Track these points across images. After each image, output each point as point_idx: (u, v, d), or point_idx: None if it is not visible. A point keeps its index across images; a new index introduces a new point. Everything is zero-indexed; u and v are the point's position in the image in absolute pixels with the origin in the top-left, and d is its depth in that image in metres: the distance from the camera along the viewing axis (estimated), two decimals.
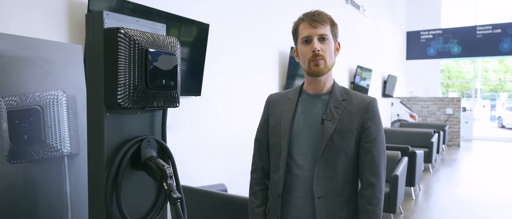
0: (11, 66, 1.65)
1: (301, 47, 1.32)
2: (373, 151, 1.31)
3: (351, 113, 1.32)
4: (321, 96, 1.36)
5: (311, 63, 1.29)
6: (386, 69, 9.24)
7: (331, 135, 1.28)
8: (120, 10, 2.30)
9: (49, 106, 1.78)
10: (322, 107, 1.34)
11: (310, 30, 1.29)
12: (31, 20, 1.94)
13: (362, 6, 7.22)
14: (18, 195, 1.63)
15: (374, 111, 1.33)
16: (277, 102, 1.43)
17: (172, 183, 1.34)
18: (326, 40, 1.30)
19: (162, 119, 1.50)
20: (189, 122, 3.07)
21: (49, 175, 1.76)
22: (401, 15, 11.03)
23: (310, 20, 1.29)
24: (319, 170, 1.29)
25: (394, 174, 3.45)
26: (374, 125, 1.32)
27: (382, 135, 1.35)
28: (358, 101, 1.34)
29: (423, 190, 5.16)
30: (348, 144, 1.30)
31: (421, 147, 6.30)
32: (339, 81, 5.72)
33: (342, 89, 1.38)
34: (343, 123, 1.30)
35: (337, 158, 1.29)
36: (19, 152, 1.63)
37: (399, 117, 9.67)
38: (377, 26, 8.42)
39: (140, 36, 1.30)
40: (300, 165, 1.32)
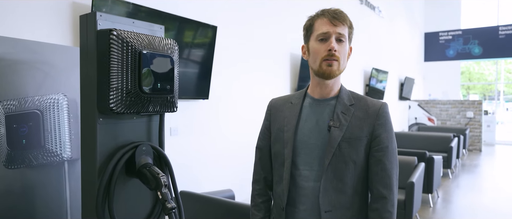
0: (10, 69, 1.62)
1: (314, 44, 1.22)
2: (385, 160, 1.20)
3: (360, 119, 1.22)
4: (327, 101, 1.26)
5: (324, 62, 1.19)
6: (403, 71, 9.00)
7: (338, 143, 1.18)
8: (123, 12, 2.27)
9: (49, 110, 1.75)
10: (328, 113, 1.24)
11: (330, 27, 1.19)
12: (35, 23, 1.92)
13: (377, 7, 7.05)
14: (16, 202, 1.60)
15: (385, 116, 1.23)
16: (280, 108, 1.33)
17: (167, 192, 1.26)
18: (343, 42, 1.21)
19: (159, 124, 1.43)
20: (197, 126, 3.01)
21: (48, 181, 1.73)
22: (419, 16, 10.75)
23: (331, 17, 1.19)
24: (326, 181, 1.19)
25: (410, 180, 3.30)
26: (385, 132, 1.21)
27: (394, 143, 1.24)
28: (368, 106, 1.24)
29: (442, 197, 4.95)
30: (357, 152, 1.20)
31: (440, 151, 6.08)
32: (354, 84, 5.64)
33: (350, 94, 1.28)
34: (352, 130, 1.20)
35: (345, 168, 1.19)
36: (17, 157, 1.61)
37: (417, 120, 9.40)
38: (393, 27, 8.21)
39: (134, 38, 1.24)
40: (305, 176, 1.22)
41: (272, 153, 1.32)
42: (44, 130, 1.70)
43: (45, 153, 1.70)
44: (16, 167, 1.59)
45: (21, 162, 1.62)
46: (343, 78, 4.66)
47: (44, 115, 1.71)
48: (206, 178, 3.06)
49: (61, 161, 1.76)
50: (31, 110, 1.66)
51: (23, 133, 1.63)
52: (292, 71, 4.30)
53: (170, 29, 2.63)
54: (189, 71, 2.82)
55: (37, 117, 1.68)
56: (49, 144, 1.72)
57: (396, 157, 1.24)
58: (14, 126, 1.60)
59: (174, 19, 2.64)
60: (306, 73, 4.48)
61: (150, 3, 2.49)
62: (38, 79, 1.70)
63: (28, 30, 1.89)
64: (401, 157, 3.88)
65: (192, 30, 2.81)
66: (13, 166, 1.58)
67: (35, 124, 1.67)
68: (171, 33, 2.64)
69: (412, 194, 3.26)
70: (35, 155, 1.66)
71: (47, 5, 1.99)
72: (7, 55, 1.61)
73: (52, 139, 1.73)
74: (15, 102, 1.62)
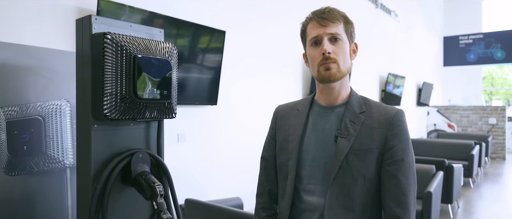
0: (12, 75, 1.61)
1: (309, 50, 1.13)
2: (399, 175, 1.06)
3: (371, 128, 1.09)
4: (335, 108, 1.15)
5: (321, 67, 1.09)
6: (421, 76, 8.76)
7: (345, 156, 1.07)
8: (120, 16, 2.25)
9: (51, 117, 1.73)
10: (336, 122, 1.13)
11: (319, 29, 1.09)
12: (39, 30, 1.92)
13: (393, 11, 6.89)
14: (17, 209, 1.58)
15: (400, 126, 1.10)
16: (285, 115, 1.24)
17: (162, 202, 1.21)
18: (338, 40, 1.09)
19: (158, 131, 1.38)
20: (205, 132, 2.96)
21: (49, 188, 1.70)
22: (438, 19, 10.48)
23: (319, 18, 1.10)
24: (332, 197, 1.07)
25: (428, 190, 3.14)
26: (400, 143, 1.08)
27: (410, 155, 1.10)
28: (380, 114, 1.11)
29: (463, 207, 4.73)
30: (367, 166, 1.08)
31: (460, 159, 5.84)
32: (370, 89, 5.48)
33: (360, 100, 1.16)
34: (361, 140, 1.08)
35: (354, 183, 1.07)
36: (18, 164, 1.59)
37: (436, 126, 9.11)
38: (410, 31, 8.02)
39: (129, 42, 1.20)
40: (310, 190, 1.12)
41: (277, 164, 1.23)
42: (46, 136, 1.68)
43: (47, 160, 1.68)
44: (16, 174, 1.58)
45: (22, 168, 1.60)
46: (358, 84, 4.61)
47: (46, 121, 1.69)
48: (214, 186, 3.00)
49: (63, 168, 1.74)
50: (32, 116, 1.65)
51: (24, 139, 1.61)
52: (304, 76, 4.22)
53: (177, 34, 2.61)
54: (197, 76, 2.78)
55: (38, 123, 1.67)
56: (51, 150, 1.70)
57: (414, 172, 1.10)
58: (15, 132, 1.58)
59: (181, 24, 2.61)
60: None
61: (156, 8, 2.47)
62: (40, 85, 1.69)
63: (32, 36, 1.89)
64: (418, 166, 3.72)
65: (200, 35, 2.78)
66: (14, 172, 1.57)
67: (36, 130, 1.65)
68: (178, 38, 2.62)
69: (430, 205, 3.11)
70: (36, 161, 1.64)
71: (51, 11, 1.99)
72: (9, 61, 1.60)
73: (54, 145, 1.71)
74: (17, 109, 1.60)
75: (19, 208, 1.59)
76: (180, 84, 2.65)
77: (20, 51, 1.66)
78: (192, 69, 2.75)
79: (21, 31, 1.86)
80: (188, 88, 2.73)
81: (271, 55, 3.63)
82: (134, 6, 2.27)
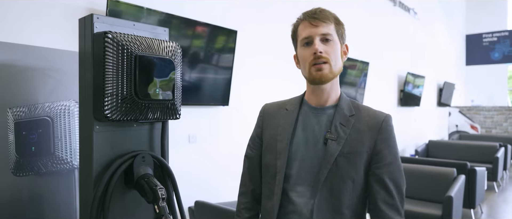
0: (21, 76, 1.62)
1: (301, 51, 1.12)
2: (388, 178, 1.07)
3: (361, 132, 1.09)
4: (325, 110, 1.14)
5: (312, 68, 1.08)
6: (442, 76, 8.49)
7: (335, 159, 1.06)
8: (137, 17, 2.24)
9: (59, 117, 1.73)
10: (326, 124, 1.11)
11: (311, 29, 1.08)
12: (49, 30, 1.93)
13: (412, 9, 6.70)
14: (25, 210, 1.58)
15: (388, 130, 1.10)
16: (273, 114, 1.22)
17: (164, 206, 1.17)
18: (330, 41, 1.09)
19: (162, 132, 1.35)
20: (216, 133, 2.93)
21: (57, 189, 1.70)
22: (460, 17, 10.14)
23: (310, 18, 1.09)
24: (321, 200, 1.07)
25: (448, 194, 3.01)
26: (389, 147, 1.09)
27: (398, 158, 1.11)
28: (369, 117, 1.11)
29: (487, 213, 4.52)
30: (356, 169, 1.07)
31: (484, 162, 5.61)
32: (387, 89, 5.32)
33: (350, 103, 1.15)
34: (351, 143, 1.08)
35: (343, 186, 1.07)
36: (26, 165, 1.59)
37: (458, 128, 8.81)
38: (430, 29, 7.78)
39: (131, 41, 1.17)
40: (299, 192, 1.10)
41: (263, 164, 1.21)
42: (54, 137, 1.68)
43: (55, 161, 1.68)
44: (24, 175, 1.58)
45: (30, 169, 1.60)
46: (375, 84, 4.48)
47: (55, 121, 1.69)
48: (225, 188, 2.96)
49: (71, 169, 1.73)
50: (41, 116, 1.65)
51: (32, 140, 1.62)
52: None
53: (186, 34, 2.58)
54: (209, 77, 2.75)
55: (47, 123, 1.67)
56: (59, 151, 1.70)
57: (402, 174, 1.10)
58: (23, 133, 1.58)
59: (191, 23, 2.58)
60: None
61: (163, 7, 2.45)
62: (49, 86, 1.69)
63: (41, 37, 1.90)
64: (438, 169, 3.58)
65: (211, 35, 2.75)
66: (22, 173, 1.57)
67: (45, 131, 1.65)
68: (187, 38, 2.59)
69: (451, 209, 2.97)
70: (44, 162, 1.64)
71: (61, 12, 1.99)
72: (18, 62, 1.61)
73: (62, 146, 1.71)
74: (25, 109, 1.61)
75: (27, 209, 1.59)
76: (192, 84, 2.63)
77: (29, 52, 1.67)
78: (204, 69, 2.72)
79: (31, 32, 1.87)
80: (200, 88, 2.71)
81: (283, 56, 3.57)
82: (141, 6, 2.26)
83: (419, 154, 5.98)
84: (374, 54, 5.36)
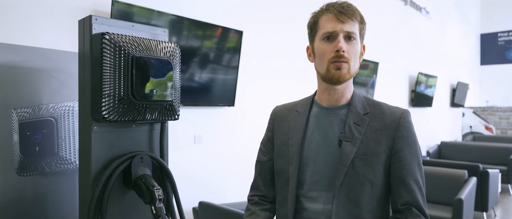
0: (25, 77, 1.64)
1: (320, 45, 1.04)
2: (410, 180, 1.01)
3: (377, 131, 1.02)
4: (337, 110, 1.07)
5: (331, 65, 1.00)
6: (455, 76, 8.31)
7: (351, 161, 1.00)
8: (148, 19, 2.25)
9: (63, 118, 1.75)
10: (339, 124, 1.05)
11: (336, 24, 1.01)
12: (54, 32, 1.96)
13: (424, 8, 6.58)
14: (28, 209, 1.60)
15: (407, 127, 1.03)
16: (284, 117, 1.16)
17: (161, 207, 1.17)
18: (353, 40, 1.02)
19: (161, 133, 1.35)
20: (222, 134, 2.93)
21: (61, 189, 1.72)
22: (474, 16, 9.92)
23: (337, 12, 1.01)
24: (339, 205, 1.00)
25: (458, 197, 2.94)
26: (408, 146, 1.02)
27: (419, 157, 1.04)
28: (385, 115, 1.04)
29: (501, 216, 4.41)
30: (374, 171, 1.01)
31: (498, 164, 5.46)
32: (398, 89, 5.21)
33: (364, 100, 1.08)
34: (367, 144, 1.01)
35: (361, 189, 1.00)
36: (30, 165, 1.61)
37: (472, 129, 8.62)
38: (443, 28, 7.63)
39: (128, 42, 1.17)
40: (314, 198, 1.04)
41: (275, 169, 1.15)
42: (58, 137, 1.70)
43: (59, 161, 1.70)
44: (28, 174, 1.60)
45: (34, 169, 1.62)
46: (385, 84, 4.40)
47: (58, 122, 1.71)
48: (230, 188, 2.96)
49: (75, 169, 1.75)
50: (45, 117, 1.67)
51: (36, 140, 1.64)
52: None
53: (192, 34, 2.59)
54: (214, 77, 2.75)
55: (51, 124, 1.69)
56: (63, 151, 1.72)
57: (423, 174, 1.05)
58: (27, 134, 1.61)
59: (196, 24, 2.59)
60: None
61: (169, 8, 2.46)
62: (53, 87, 1.71)
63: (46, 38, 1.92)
64: (449, 170, 3.50)
65: (217, 36, 2.74)
66: (26, 173, 1.59)
67: (49, 131, 1.67)
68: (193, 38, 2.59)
69: (461, 212, 2.90)
70: (48, 162, 1.66)
71: (66, 14, 2.02)
72: (23, 63, 1.63)
73: (66, 146, 1.73)
74: (29, 110, 1.63)
75: (31, 208, 1.61)
76: (198, 85, 2.63)
77: (34, 53, 1.69)
78: (210, 70, 2.72)
79: (36, 34, 1.90)
80: (206, 89, 2.71)
81: (289, 58, 3.54)
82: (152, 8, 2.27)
83: (430, 156, 5.87)
84: (384, 54, 5.28)
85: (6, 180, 1.54)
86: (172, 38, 2.43)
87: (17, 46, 1.65)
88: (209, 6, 2.77)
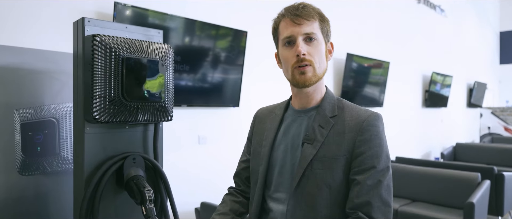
0: (27, 79, 1.68)
1: (282, 51, 1.05)
2: (364, 183, 0.94)
3: (340, 134, 1.00)
4: (307, 112, 1.07)
5: (295, 71, 1.00)
6: (472, 75, 8.09)
7: (310, 162, 0.98)
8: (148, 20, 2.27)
9: (64, 118, 1.78)
10: (306, 127, 1.05)
11: (293, 28, 1.00)
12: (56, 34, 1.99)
13: (438, 6, 6.42)
14: (30, 208, 1.64)
15: (371, 130, 0.98)
16: (263, 119, 1.19)
17: (151, 208, 1.17)
18: (314, 40, 1.00)
19: (154, 133, 1.35)
20: (226, 135, 2.92)
21: (62, 188, 1.75)
22: (493, 13, 9.62)
23: (292, 15, 1.00)
24: (295, 206, 0.99)
25: (469, 201, 2.85)
26: (370, 149, 0.96)
27: (384, 163, 0.96)
28: (351, 118, 1.01)
29: None
30: (333, 175, 0.97)
31: None
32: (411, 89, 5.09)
33: (335, 103, 1.06)
34: (328, 147, 0.99)
35: (318, 193, 0.97)
36: (31, 164, 1.65)
37: (491, 130, 8.36)
38: (459, 27, 7.43)
39: (119, 44, 1.18)
40: (277, 198, 1.05)
41: (250, 169, 1.18)
42: (59, 138, 1.73)
43: (60, 160, 1.73)
44: (30, 174, 1.63)
45: (36, 168, 1.65)
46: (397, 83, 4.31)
47: (60, 123, 1.74)
48: None
49: None
50: (47, 118, 1.70)
51: (38, 141, 1.67)
52: (335, 77, 4.04)
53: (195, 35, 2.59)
54: (218, 78, 2.75)
55: (52, 124, 1.72)
56: (64, 151, 1.75)
57: (390, 188, 0.96)
58: (29, 134, 1.64)
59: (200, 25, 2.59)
60: (351, 79, 4.18)
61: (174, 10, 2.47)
62: (55, 88, 1.74)
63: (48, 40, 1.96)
64: (461, 173, 3.40)
65: (221, 36, 2.75)
66: (28, 172, 1.63)
67: (50, 131, 1.70)
68: (197, 39, 2.60)
69: (472, 217, 2.81)
70: (49, 162, 1.69)
71: (69, 16, 2.05)
72: (25, 65, 1.67)
73: (67, 146, 1.76)
74: (31, 111, 1.66)
75: (33, 207, 1.65)
76: (202, 86, 2.64)
77: (36, 55, 1.73)
78: (213, 71, 2.73)
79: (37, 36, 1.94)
80: (210, 90, 2.71)
81: None
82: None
83: (445, 158, 5.72)
84: (395, 53, 5.18)
85: (8, 179, 1.58)
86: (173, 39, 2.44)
87: (20, 49, 1.69)
88: (212, 7, 2.77)
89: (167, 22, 2.39)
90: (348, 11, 4.10)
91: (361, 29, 4.42)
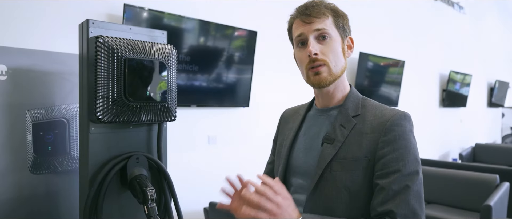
0: (39, 80, 1.72)
1: (296, 52, 1.03)
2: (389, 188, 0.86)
3: (362, 134, 0.94)
4: (329, 111, 1.04)
5: (309, 72, 0.98)
6: (494, 74, 7.83)
7: (329, 163, 0.93)
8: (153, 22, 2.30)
9: (75, 119, 1.81)
10: (327, 126, 1.02)
11: (304, 27, 0.97)
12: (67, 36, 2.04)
13: (457, 3, 6.25)
14: (41, 206, 1.68)
15: (396, 131, 0.91)
16: (288, 119, 1.18)
17: (153, 207, 1.18)
18: (327, 38, 0.96)
19: (158, 133, 1.37)
20: (236, 135, 2.93)
21: (72, 186, 1.79)
22: None
23: (302, 14, 0.97)
24: (312, 209, 0.95)
25: (486, 203, 2.75)
26: (395, 151, 0.89)
27: (410, 167, 0.88)
28: (375, 117, 0.95)
29: None
30: (353, 177, 0.91)
31: None
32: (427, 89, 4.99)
33: (359, 102, 1.02)
34: (348, 147, 0.93)
35: (336, 196, 0.93)
36: (42, 163, 1.69)
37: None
38: (479, 24, 7.21)
39: (122, 45, 1.19)
40: (297, 200, 1.01)
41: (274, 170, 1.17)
42: (70, 137, 1.77)
43: (70, 160, 1.76)
44: (41, 173, 1.67)
45: (47, 167, 1.70)
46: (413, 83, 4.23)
47: (70, 123, 1.78)
48: None
49: None
50: (57, 118, 1.75)
51: (49, 140, 1.71)
52: (348, 76, 3.99)
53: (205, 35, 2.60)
54: (228, 78, 2.76)
55: (63, 124, 1.76)
56: (74, 151, 1.78)
57: (420, 196, 0.87)
58: (40, 134, 1.68)
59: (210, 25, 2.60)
60: (365, 78, 4.12)
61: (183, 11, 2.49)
62: (65, 89, 1.78)
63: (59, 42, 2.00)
64: (479, 175, 3.29)
65: (231, 36, 2.75)
66: (39, 171, 1.67)
67: (61, 131, 1.74)
68: (206, 39, 2.61)
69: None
70: (60, 161, 1.73)
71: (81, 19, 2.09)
72: (36, 66, 1.71)
73: (77, 146, 1.79)
74: (42, 111, 1.71)
75: (44, 205, 1.69)
76: (212, 86, 2.65)
77: (47, 57, 1.77)
78: (222, 71, 2.73)
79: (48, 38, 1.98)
80: (220, 90, 2.72)
81: None
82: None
83: (463, 159, 5.56)
84: (411, 52, 5.07)
85: (20, 178, 1.62)
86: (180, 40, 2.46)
87: (32, 51, 1.73)
88: (221, 7, 2.78)
89: (172, 22, 2.41)
90: (361, 9, 4.04)
91: (375, 27, 4.34)
